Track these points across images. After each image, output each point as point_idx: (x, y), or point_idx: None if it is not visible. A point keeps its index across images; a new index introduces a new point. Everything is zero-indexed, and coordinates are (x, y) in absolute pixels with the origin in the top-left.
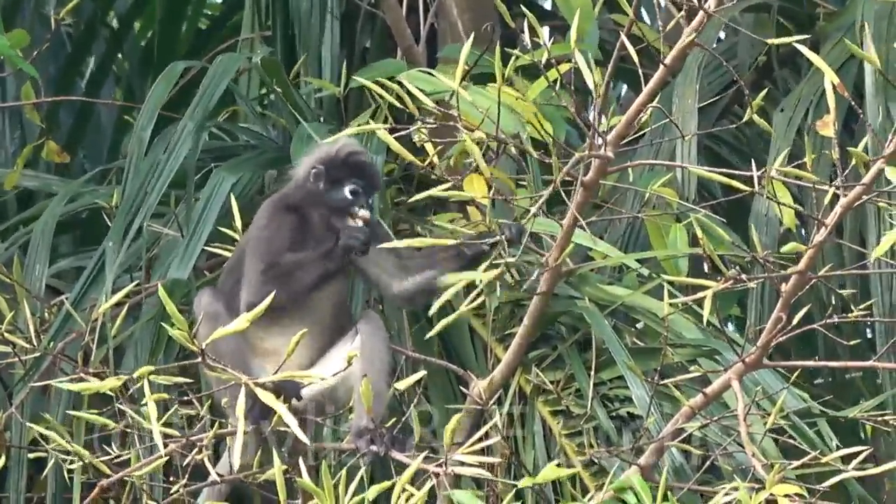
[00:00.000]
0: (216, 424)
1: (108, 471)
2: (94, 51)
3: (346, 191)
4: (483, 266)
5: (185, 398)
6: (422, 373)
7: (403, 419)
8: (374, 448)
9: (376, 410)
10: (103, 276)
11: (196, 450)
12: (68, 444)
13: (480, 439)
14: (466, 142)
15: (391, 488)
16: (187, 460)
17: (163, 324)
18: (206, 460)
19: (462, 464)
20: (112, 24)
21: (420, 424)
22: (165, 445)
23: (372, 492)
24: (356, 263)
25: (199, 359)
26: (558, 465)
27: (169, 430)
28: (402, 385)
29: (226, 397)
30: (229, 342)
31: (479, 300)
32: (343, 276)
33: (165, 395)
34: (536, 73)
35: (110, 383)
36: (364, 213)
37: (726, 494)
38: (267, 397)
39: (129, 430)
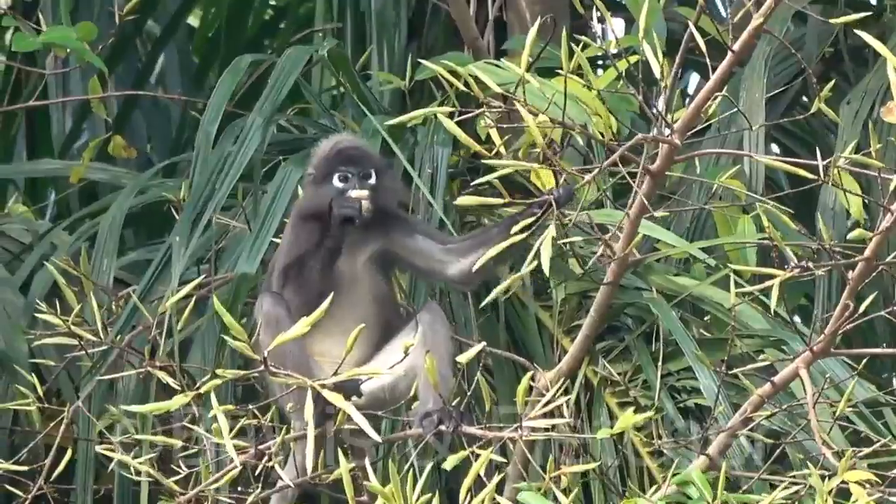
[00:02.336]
0: (283, 430)
1: (174, 487)
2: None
3: (335, 179)
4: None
5: (246, 406)
6: (481, 344)
7: (469, 393)
8: (442, 427)
9: (441, 395)
10: (170, 269)
11: (266, 458)
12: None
13: (550, 402)
14: (531, 128)
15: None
16: (259, 469)
17: (223, 336)
18: (276, 467)
19: (535, 429)
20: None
21: (487, 409)
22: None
23: (450, 461)
24: (402, 262)
25: (262, 367)
26: (626, 456)
27: (238, 443)
28: (461, 358)
29: (290, 402)
30: (293, 347)
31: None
32: (378, 271)
33: (232, 407)
34: (605, 65)
35: (179, 401)
36: (356, 192)
37: (794, 483)
38: (333, 398)
39: (190, 445)
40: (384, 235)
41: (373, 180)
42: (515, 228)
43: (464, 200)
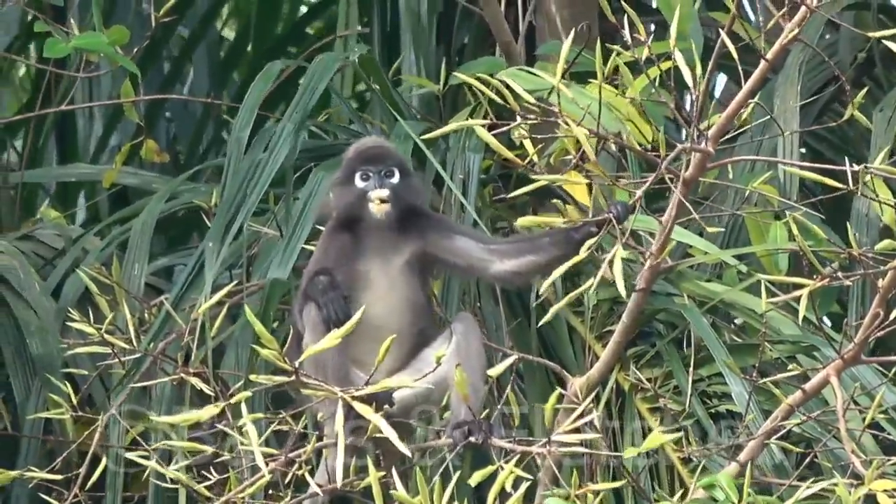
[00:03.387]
0: (314, 438)
1: (206, 493)
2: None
3: (357, 179)
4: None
5: (279, 412)
6: (515, 355)
7: (500, 405)
8: (472, 438)
9: (472, 407)
10: (203, 276)
11: (297, 466)
12: (165, 469)
13: (581, 416)
14: (567, 137)
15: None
16: (289, 477)
17: (254, 346)
18: (307, 475)
19: (564, 444)
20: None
21: (516, 422)
22: (266, 464)
23: (476, 477)
24: (441, 262)
25: (293, 377)
26: (657, 462)
27: (268, 450)
28: (493, 371)
29: (321, 411)
30: (332, 354)
31: (578, 292)
32: (414, 276)
33: (262, 415)
34: (637, 69)
35: (209, 412)
36: (378, 192)
37: (822, 490)
38: (364, 410)
39: (223, 452)
40: (421, 238)
41: (395, 179)
42: (584, 248)
43: (524, 221)
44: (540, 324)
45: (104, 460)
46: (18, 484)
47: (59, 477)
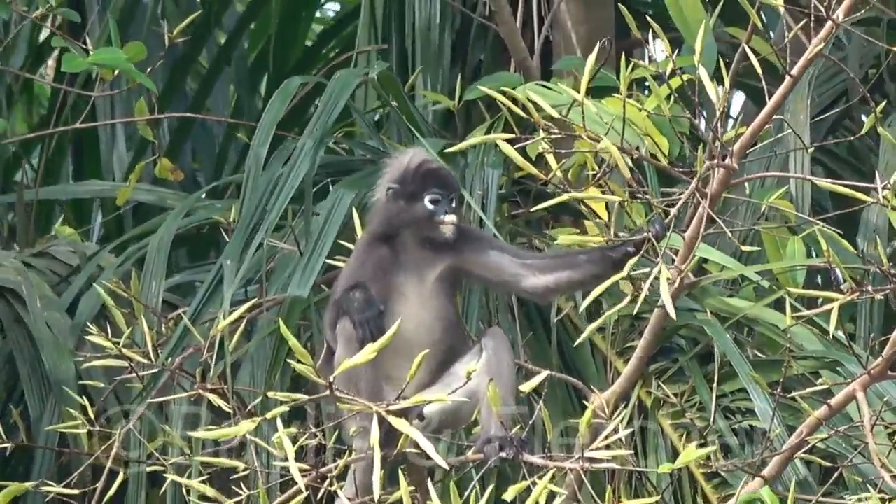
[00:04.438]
0: (346, 453)
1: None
2: (204, 59)
3: (427, 201)
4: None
5: (308, 427)
6: (545, 372)
7: (531, 422)
8: (503, 454)
9: (504, 422)
10: (221, 291)
11: (328, 481)
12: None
13: (614, 432)
14: (589, 152)
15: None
16: (320, 493)
17: (288, 360)
18: (338, 490)
19: (594, 460)
20: (219, 39)
21: (549, 437)
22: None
23: (511, 492)
24: (472, 276)
25: (327, 392)
26: (680, 478)
27: (301, 465)
28: (525, 387)
29: (353, 426)
30: (366, 370)
31: (610, 313)
32: (445, 291)
33: (295, 430)
34: (658, 84)
35: (246, 427)
36: (450, 217)
37: None
38: (399, 424)
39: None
40: (456, 254)
41: (455, 204)
42: (626, 267)
43: (565, 239)
44: (574, 344)
45: (121, 474)
46: (33, 498)
47: (75, 491)
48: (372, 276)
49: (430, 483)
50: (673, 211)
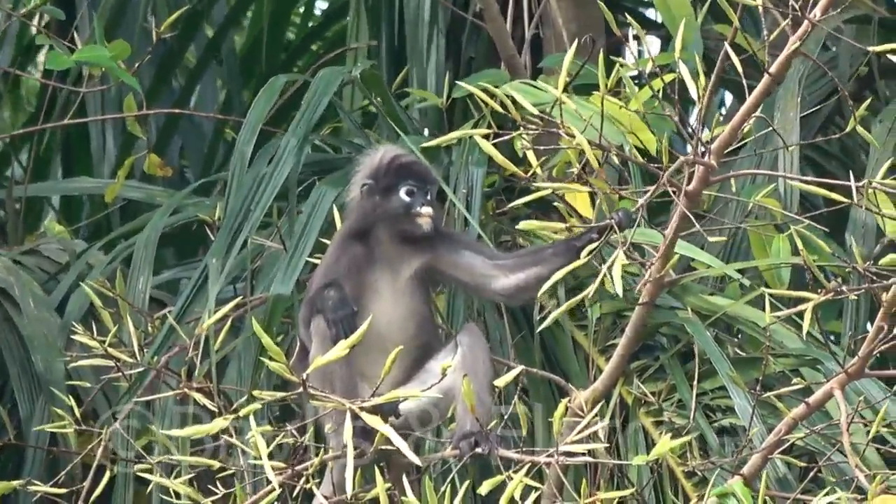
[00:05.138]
0: (321, 451)
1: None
2: (192, 56)
3: (402, 193)
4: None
5: (284, 425)
6: (520, 367)
7: (505, 417)
8: (479, 449)
9: (479, 418)
10: (206, 290)
11: (303, 479)
12: (173, 483)
13: (588, 426)
14: (570, 149)
15: (501, 486)
16: (296, 491)
17: (261, 358)
18: (314, 488)
19: (570, 454)
20: (207, 35)
21: (524, 433)
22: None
23: (485, 486)
24: (446, 277)
25: (301, 389)
26: (661, 475)
27: (276, 464)
28: (500, 382)
29: (328, 423)
30: (340, 367)
31: (578, 299)
32: (419, 289)
33: (269, 428)
34: (641, 82)
35: (218, 425)
36: (426, 209)
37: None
38: (373, 421)
39: (227, 465)
40: (431, 252)
41: (431, 196)
42: (584, 253)
43: (526, 225)
44: (538, 329)
45: (107, 473)
46: (23, 496)
47: (62, 490)
48: (346, 273)
49: (405, 480)
50: (641, 201)
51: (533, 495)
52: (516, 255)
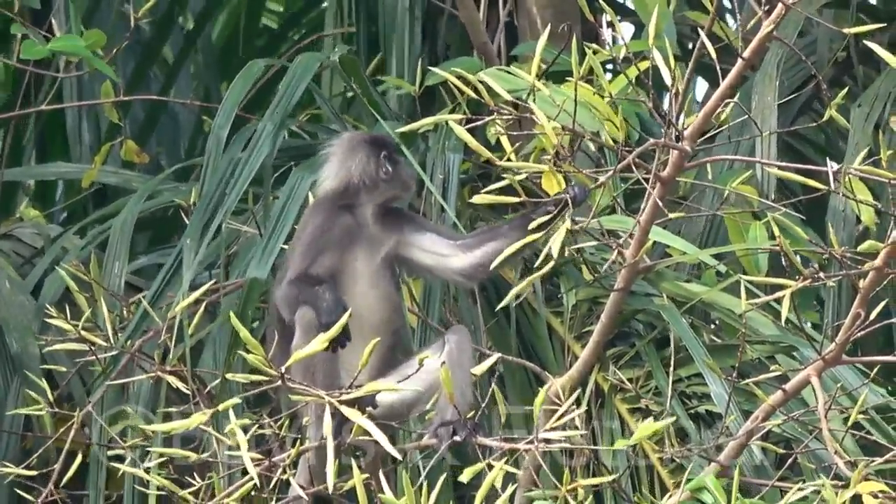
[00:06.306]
0: (297, 442)
1: (190, 498)
2: (170, 48)
3: (384, 160)
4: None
5: (260, 414)
6: (496, 355)
7: (483, 405)
8: (456, 437)
9: (459, 409)
10: (181, 274)
11: (280, 470)
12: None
13: (565, 414)
14: (543, 135)
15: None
16: (273, 482)
17: (240, 352)
18: (291, 479)
19: (549, 441)
20: (187, 22)
21: (503, 420)
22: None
23: (466, 474)
24: (411, 263)
25: (279, 382)
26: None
27: (253, 455)
28: (477, 370)
29: (307, 414)
30: (324, 361)
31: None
32: (390, 275)
33: (248, 421)
34: (615, 70)
35: (197, 420)
36: (410, 171)
37: (801, 490)
38: (351, 413)
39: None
40: (398, 231)
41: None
42: (532, 225)
43: (479, 199)
44: (499, 307)
45: (79, 457)
46: None
47: (35, 473)
48: (338, 243)
49: (380, 472)
50: (602, 179)
51: (512, 485)
52: (474, 234)
